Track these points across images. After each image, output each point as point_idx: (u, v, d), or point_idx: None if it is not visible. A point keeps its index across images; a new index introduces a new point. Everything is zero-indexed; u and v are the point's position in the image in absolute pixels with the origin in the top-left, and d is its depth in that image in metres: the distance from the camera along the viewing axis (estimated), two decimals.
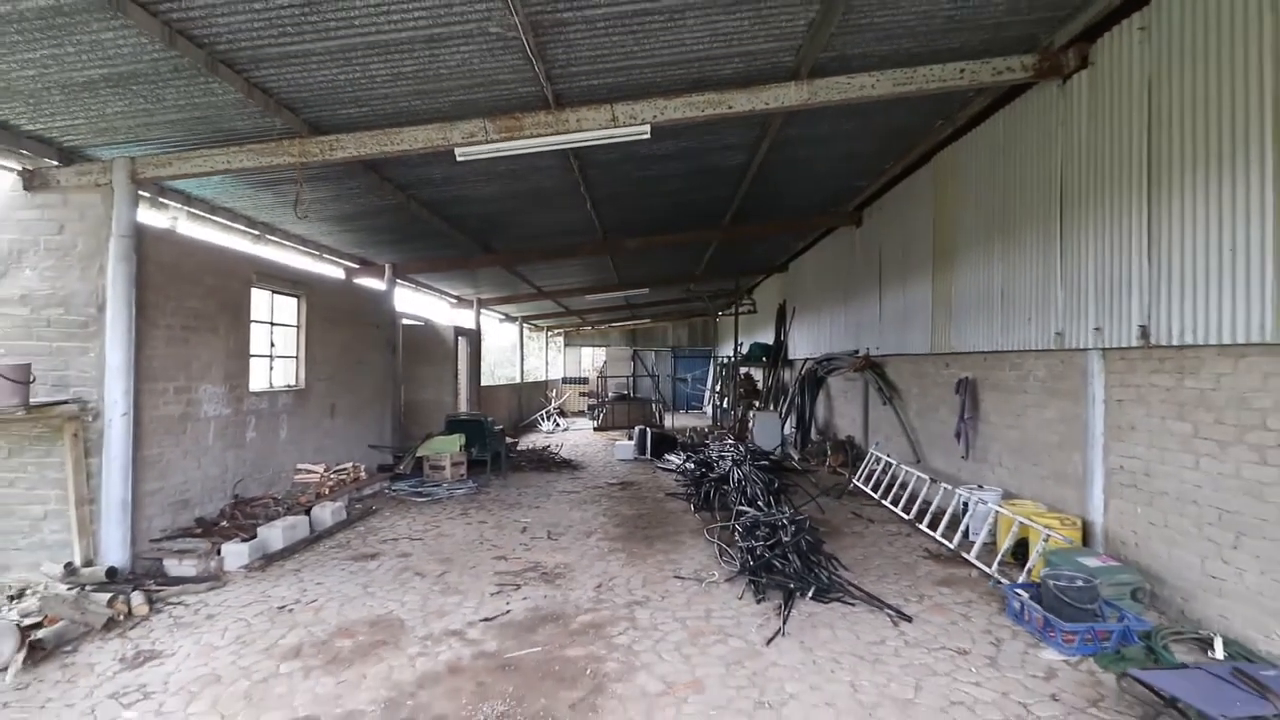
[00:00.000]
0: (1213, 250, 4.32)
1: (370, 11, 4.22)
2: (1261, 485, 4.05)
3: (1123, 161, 5.13)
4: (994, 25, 5.34)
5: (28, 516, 5.75)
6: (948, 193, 8.10)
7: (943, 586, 5.56)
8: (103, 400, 5.71)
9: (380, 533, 7.52)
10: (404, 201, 8.27)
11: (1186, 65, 4.53)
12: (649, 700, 3.76)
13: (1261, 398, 4.05)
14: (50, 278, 5.78)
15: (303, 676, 4.10)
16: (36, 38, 4.13)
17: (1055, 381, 6.09)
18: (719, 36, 5.04)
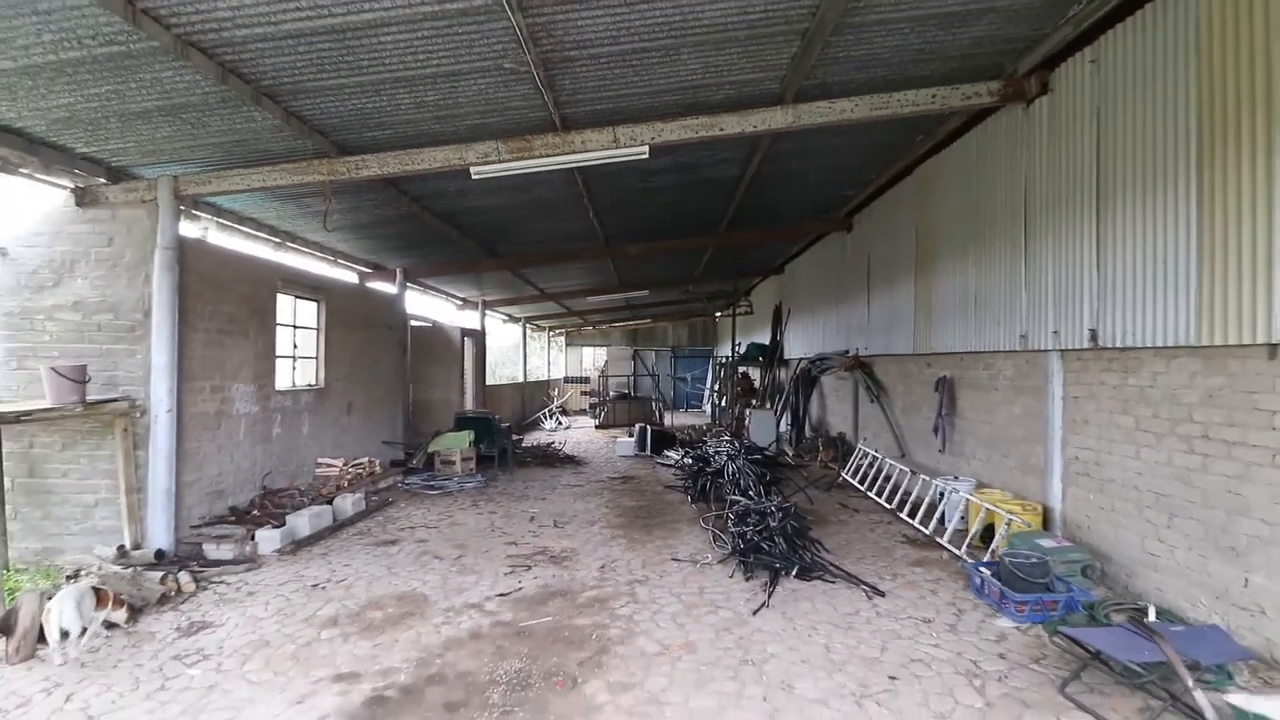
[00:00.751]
0: (1149, 263, 4.85)
1: (399, 51, 4.75)
2: (1189, 471, 4.59)
3: (1076, 180, 5.66)
4: (961, 55, 5.86)
5: (80, 504, 6.30)
6: (929, 203, 8.63)
7: (916, 567, 6.11)
8: (149, 398, 6.25)
9: (398, 522, 8.07)
10: (418, 211, 8.82)
11: (1128, 96, 5.06)
12: (647, 659, 4.30)
13: (1189, 394, 4.59)
14: (100, 286, 6.33)
15: (341, 641, 4.65)
16: (104, 76, 4.67)
17: (1021, 380, 6.63)
18: (711, 68, 5.57)
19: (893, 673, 4.07)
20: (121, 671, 4.23)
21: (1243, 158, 4.10)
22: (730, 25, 4.87)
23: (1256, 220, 4.01)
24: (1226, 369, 4.30)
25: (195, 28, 4.22)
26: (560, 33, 4.73)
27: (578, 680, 4.02)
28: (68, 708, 3.78)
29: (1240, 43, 4.12)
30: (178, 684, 4.06)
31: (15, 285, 6.34)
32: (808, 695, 3.80)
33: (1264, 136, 3.95)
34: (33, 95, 4.86)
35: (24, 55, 4.30)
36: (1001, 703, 3.69)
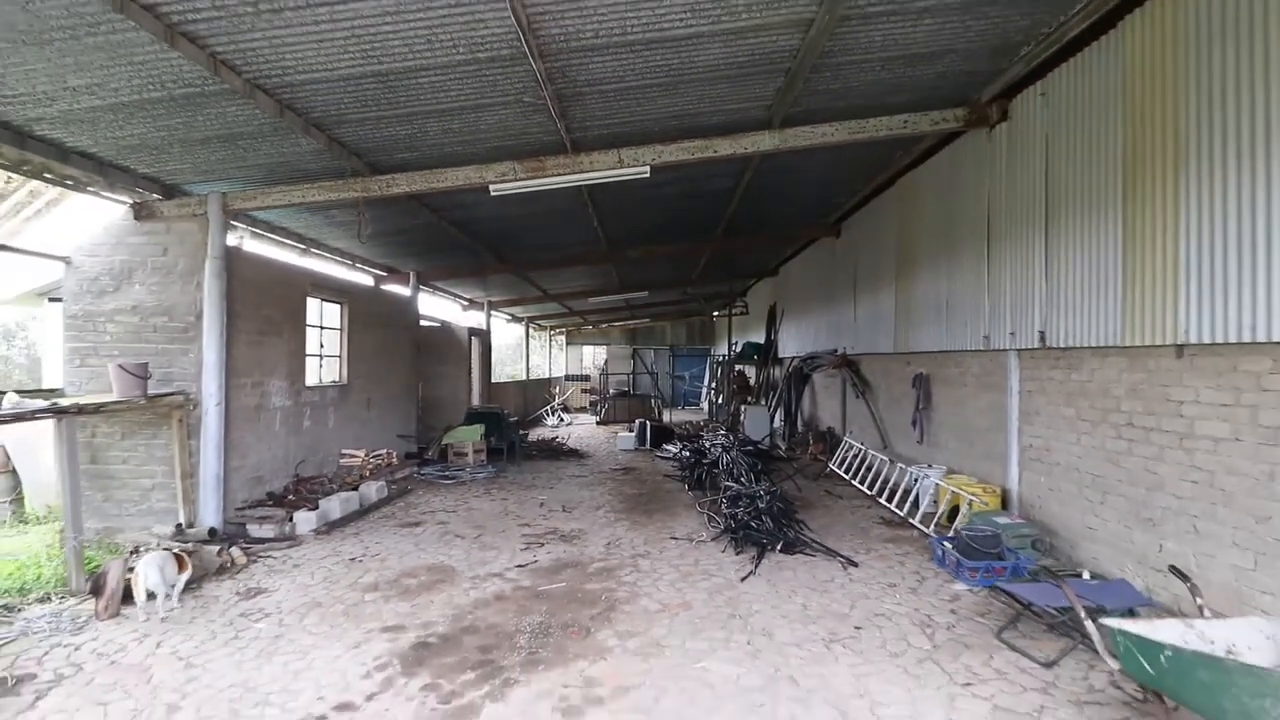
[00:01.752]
0: (1086, 274, 5.57)
1: (433, 89, 5.45)
2: (1117, 454, 5.31)
3: (1030, 199, 6.38)
4: (929, 86, 6.57)
5: (138, 488, 7.01)
6: (908, 213, 9.35)
7: (888, 543, 6.83)
8: (200, 392, 6.96)
9: (419, 507, 8.78)
10: (435, 220, 9.53)
11: (1071, 128, 5.78)
12: (650, 614, 5.01)
13: (1117, 387, 5.31)
14: (156, 291, 7.03)
15: (384, 601, 5.36)
16: (177, 111, 5.37)
17: (986, 376, 7.34)
18: (705, 99, 6.28)
19: (858, 624, 4.79)
20: (198, 625, 4.94)
21: (1157, 190, 4.81)
22: (721, 66, 5.58)
23: (1166, 243, 4.72)
24: (1146, 366, 5.02)
25: (263, 73, 4.92)
26: (574, 73, 5.43)
27: (590, 630, 4.73)
28: (160, 652, 4.48)
29: (1155, 92, 4.83)
30: (249, 634, 4.77)
31: (79, 291, 7.04)
32: (785, 640, 4.52)
33: (1173, 173, 4.67)
34: (111, 127, 5.56)
35: (113, 95, 5.00)
36: (947, 645, 4.41)
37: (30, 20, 3.95)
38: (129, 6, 3.86)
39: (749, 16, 4.80)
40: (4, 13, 3.87)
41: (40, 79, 4.68)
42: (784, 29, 5.04)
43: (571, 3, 4.39)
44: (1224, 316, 4.25)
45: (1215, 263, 4.32)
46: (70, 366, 7.03)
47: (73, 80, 4.72)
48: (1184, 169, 4.57)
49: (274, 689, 3.95)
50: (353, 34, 4.46)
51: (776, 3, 4.65)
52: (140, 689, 3.97)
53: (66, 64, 4.50)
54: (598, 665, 4.19)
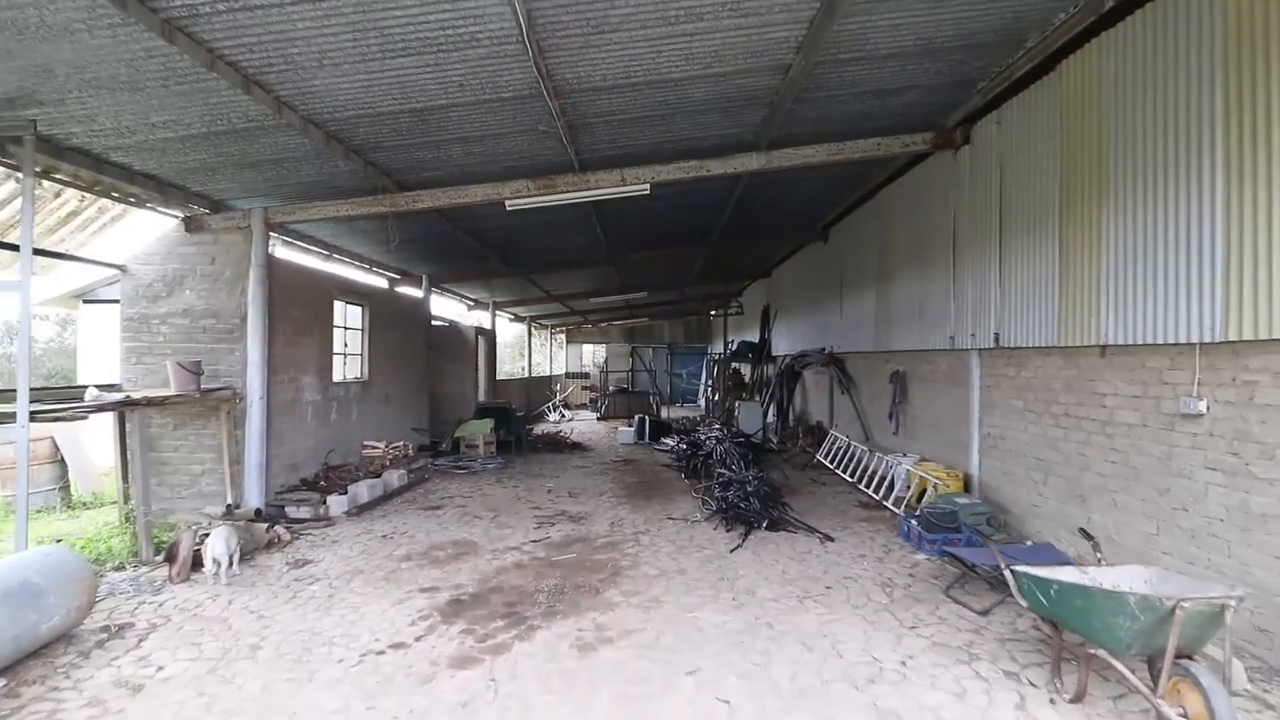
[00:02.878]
0: (1031, 283, 6.36)
1: (461, 122, 6.22)
2: (1056, 440, 6.11)
3: (987, 215, 7.17)
4: (899, 114, 7.34)
5: (189, 474, 7.79)
6: (887, 223, 10.14)
7: (863, 523, 7.63)
8: (245, 387, 7.73)
9: (437, 493, 9.57)
10: (450, 229, 10.30)
11: (1020, 154, 6.56)
12: (649, 578, 5.80)
13: (1056, 382, 6.11)
14: (205, 296, 7.80)
15: (418, 569, 6.14)
16: (237, 141, 6.14)
17: (953, 373, 8.14)
18: (698, 126, 7.06)
19: (829, 585, 5.59)
20: (259, 588, 5.72)
21: (1085, 213, 5.61)
22: (712, 100, 6.36)
23: (1092, 259, 5.51)
24: (1077, 363, 5.81)
25: (317, 111, 5.69)
26: (583, 108, 6.21)
27: (599, 590, 5.52)
28: (233, 608, 5.26)
29: (1085, 128, 5.63)
30: (305, 594, 5.55)
31: (134, 296, 7.81)
32: (765, 596, 5.31)
33: (1097, 199, 5.46)
34: (177, 154, 6.33)
35: (185, 129, 5.77)
36: (901, 600, 5.21)
37: (131, 73, 4.72)
38: (218, 65, 4.63)
39: (735, 63, 5.58)
40: (111, 68, 4.63)
41: (126, 117, 5.44)
42: (766, 72, 5.82)
43: (584, 54, 5.16)
44: (1135, 322, 5.05)
45: (1128, 277, 5.11)
46: (127, 364, 7.80)
47: (154, 118, 5.49)
48: (1106, 196, 5.36)
49: (336, 634, 4.73)
50: (397, 81, 5.23)
51: (759, 54, 5.43)
52: (224, 634, 4.75)
53: (151, 105, 5.27)
54: (606, 615, 4.98)
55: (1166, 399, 4.84)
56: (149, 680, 4.04)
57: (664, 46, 5.15)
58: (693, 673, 4.06)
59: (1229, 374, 4.34)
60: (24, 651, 4.15)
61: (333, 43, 4.59)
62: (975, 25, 5.35)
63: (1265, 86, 4.00)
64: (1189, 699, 3.12)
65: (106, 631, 4.78)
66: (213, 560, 5.79)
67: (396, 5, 4.20)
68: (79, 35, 4.18)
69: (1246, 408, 4.21)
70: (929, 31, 5.36)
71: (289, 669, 4.19)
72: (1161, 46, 4.78)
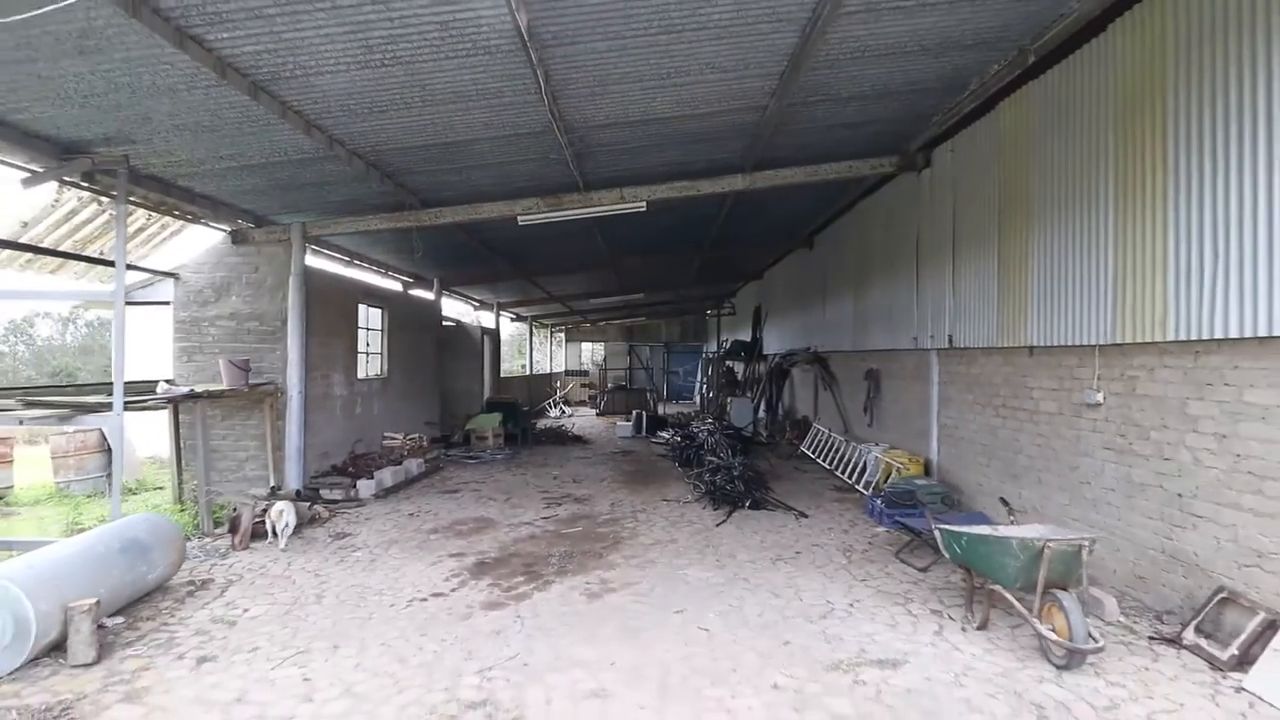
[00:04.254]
0: (976, 292, 7.33)
1: (482, 152, 7.16)
2: (996, 429, 7.08)
3: (943, 230, 8.13)
4: (867, 141, 8.29)
5: (235, 459, 8.73)
6: (863, 233, 11.10)
7: (835, 503, 8.61)
8: (285, 383, 8.67)
9: (453, 479, 10.52)
10: (465, 240, 11.24)
11: (968, 179, 7.53)
12: (645, 546, 6.77)
13: (996, 378, 7.08)
14: (249, 301, 8.73)
15: (445, 539, 7.10)
16: (289, 168, 7.07)
17: (917, 370, 9.11)
18: (689, 152, 8.00)
19: (798, 550, 6.56)
20: (311, 554, 6.66)
21: (1017, 234, 6.57)
22: (700, 133, 7.31)
23: (1021, 273, 6.48)
24: (1012, 361, 6.78)
25: (361, 146, 6.64)
26: (588, 140, 7.15)
27: (603, 554, 6.48)
28: (293, 568, 6.21)
29: (1017, 160, 6.59)
30: (351, 559, 6.50)
31: (186, 300, 8.75)
32: (743, 559, 6.28)
33: (1025, 223, 6.42)
34: (236, 179, 7.27)
35: (246, 160, 6.70)
36: (858, 561, 6.18)
37: (214, 119, 5.66)
38: (288, 114, 5.57)
39: (719, 105, 6.52)
40: (198, 116, 5.57)
41: (200, 151, 6.38)
42: (746, 111, 6.77)
43: (590, 101, 6.11)
44: (1054, 327, 6.01)
45: (1049, 289, 6.08)
46: (179, 362, 8.73)
47: (223, 151, 6.43)
48: (1032, 221, 6.32)
49: (383, 587, 5.68)
50: (432, 123, 6.18)
51: (739, 98, 6.38)
52: (290, 587, 5.70)
53: (224, 142, 6.21)
54: (609, 573, 5.95)
55: (1075, 392, 5.81)
56: (239, 618, 5.00)
57: (657, 94, 6.09)
58: (680, 611, 5.02)
59: (1118, 370, 5.31)
60: (136, 596, 5.10)
61: (384, 97, 5.53)
62: (921, 74, 6.30)
63: (1142, 141, 4.97)
64: (1056, 619, 4.09)
65: (193, 585, 5.73)
66: (284, 524, 6.75)
67: (441, 70, 5.14)
68: (179, 93, 5.11)
69: (1130, 397, 5.18)
70: (883, 80, 6.31)
71: (351, 611, 5.14)
72: (1071, 98, 5.75)
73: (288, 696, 3.79)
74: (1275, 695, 3.60)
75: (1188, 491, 4.63)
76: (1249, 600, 4.10)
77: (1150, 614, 4.80)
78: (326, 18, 4.31)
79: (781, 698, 3.72)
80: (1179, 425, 4.71)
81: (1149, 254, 4.89)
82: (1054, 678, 3.91)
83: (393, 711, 3.61)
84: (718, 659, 4.22)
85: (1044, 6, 5.20)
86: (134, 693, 3.85)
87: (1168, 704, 3.62)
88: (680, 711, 3.59)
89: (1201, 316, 4.43)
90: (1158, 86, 4.81)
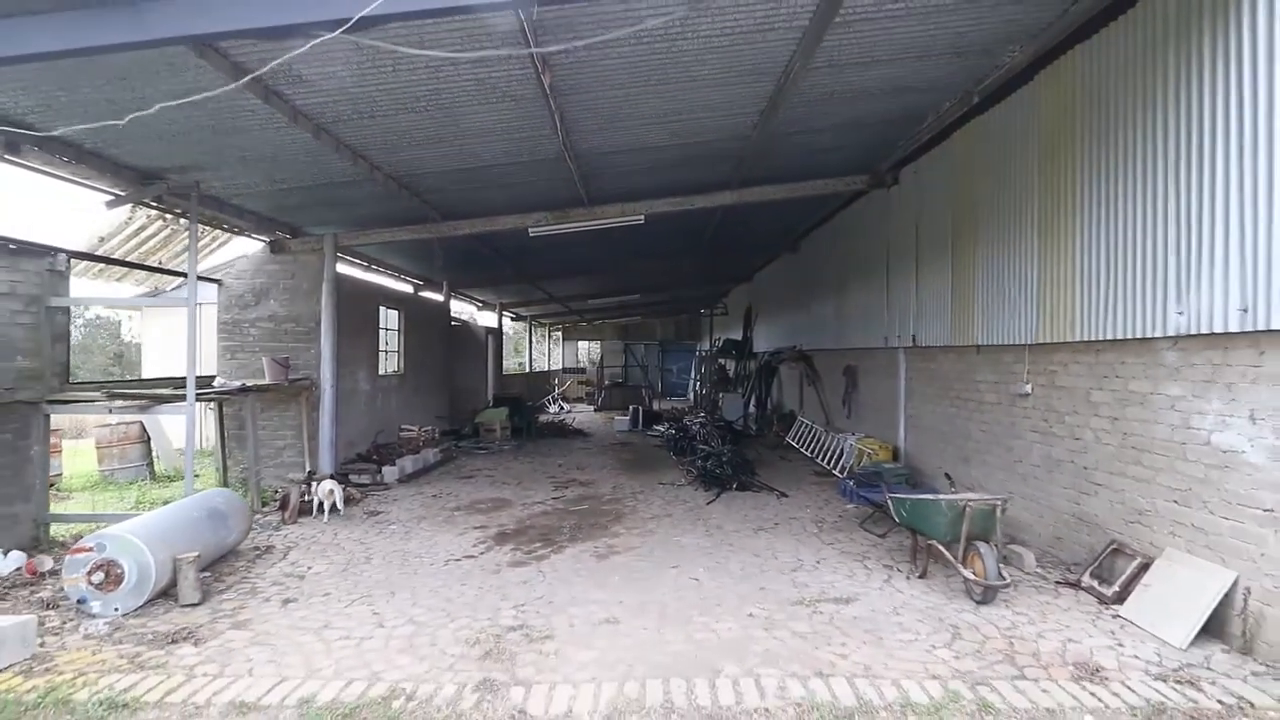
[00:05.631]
0: (935, 296, 8.34)
1: (500, 174, 8.12)
2: (951, 417, 8.09)
3: (908, 242, 9.14)
4: (841, 161, 9.28)
5: (274, 447, 9.67)
6: (841, 241, 12.11)
7: (813, 485, 9.62)
8: (320, 378, 9.61)
9: (467, 467, 11.49)
10: (477, 247, 12.20)
11: (929, 197, 8.53)
12: (645, 519, 7.76)
13: (951, 373, 8.09)
14: (286, 304, 9.67)
15: (467, 515, 8.07)
16: (330, 190, 8.01)
17: (888, 367, 10.12)
18: (680, 173, 8.98)
19: (777, 522, 7.56)
20: (351, 528, 7.62)
21: (966, 248, 7.58)
22: (691, 158, 8.29)
23: (968, 281, 7.49)
24: (964, 358, 7.80)
25: (398, 170, 7.60)
26: (594, 165, 8.12)
27: (608, 526, 7.47)
28: (339, 538, 7.16)
29: (966, 185, 7.60)
30: (388, 531, 7.46)
31: (229, 304, 9.68)
32: (729, 529, 7.28)
33: (972, 239, 7.43)
34: (282, 198, 8.21)
35: (295, 183, 7.65)
36: (827, 530, 7.18)
37: (276, 152, 6.60)
38: (341, 148, 6.53)
39: (709, 136, 7.51)
40: (264, 150, 6.51)
41: (257, 176, 7.33)
42: (733, 140, 7.76)
43: (597, 134, 7.07)
44: (995, 328, 7.02)
45: (990, 295, 7.09)
46: (223, 359, 9.67)
47: (277, 176, 7.38)
48: (977, 238, 7.34)
49: (421, 552, 6.65)
50: (459, 151, 7.14)
51: (726, 130, 7.36)
52: (341, 552, 6.66)
53: (280, 170, 7.15)
54: (614, 539, 6.93)
55: (1011, 384, 6.82)
56: (306, 573, 5.96)
57: (655, 128, 7.07)
58: (675, 567, 6.01)
59: (1043, 365, 6.32)
60: (218, 555, 6.06)
61: (422, 134, 6.50)
62: (884, 110, 7.28)
63: (1059, 175, 5.98)
64: (976, 564, 5.09)
65: (257, 550, 6.68)
66: (335, 500, 7.75)
67: (473, 113, 6.10)
68: (251, 132, 6.06)
69: (1051, 388, 6.20)
70: (851, 115, 7.31)
71: (398, 568, 6.11)
72: (1007, 134, 6.77)
73: (364, 624, 4.77)
74: (1141, 618, 4.62)
75: (1091, 465, 5.65)
76: (1131, 549, 5.12)
77: (1063, 566, 5.82)
78: (386, 78, 5.27)
79: (754, 623, 4.72)
80: (1085, 410, 5.73)
81: (1063, 270, 5.91)
82: (972, 609, 4.93)
83: (449, 633, 4.59)
84: (705, 598, 5.21)
85: (980, 62, 6.19)
86: (238, 623, 4.82)
87: (1056, 626, 4.63)
88: (675, 632, 4.58)
89: (1099, 321, 5.44)
90: (1069, 132, 5.82)
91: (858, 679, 3.88)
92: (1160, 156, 4.81)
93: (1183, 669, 4.00)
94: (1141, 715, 3.52)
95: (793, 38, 5.33)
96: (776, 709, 3.56)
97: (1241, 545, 4.22)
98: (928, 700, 3.63)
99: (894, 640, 4.42)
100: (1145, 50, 4.95)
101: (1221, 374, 4.40)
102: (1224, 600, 4.26)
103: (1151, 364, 5.01)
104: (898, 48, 5.71)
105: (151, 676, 3.99)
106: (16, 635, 4.14)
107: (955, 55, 6.04)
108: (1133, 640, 4.40)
